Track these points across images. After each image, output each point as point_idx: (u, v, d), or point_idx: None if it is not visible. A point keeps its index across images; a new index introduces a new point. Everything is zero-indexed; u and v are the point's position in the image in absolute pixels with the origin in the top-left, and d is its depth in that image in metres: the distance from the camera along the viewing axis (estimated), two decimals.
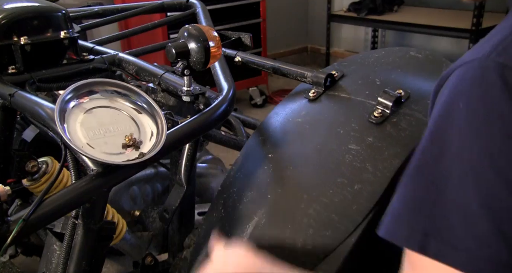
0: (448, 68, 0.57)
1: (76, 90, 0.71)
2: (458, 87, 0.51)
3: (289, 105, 0.98)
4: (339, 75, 0.97)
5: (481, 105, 0.48)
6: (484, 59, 0.49)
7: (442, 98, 0.53)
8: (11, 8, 0.99)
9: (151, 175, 1.29)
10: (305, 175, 0.82)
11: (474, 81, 0.49)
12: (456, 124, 0.50)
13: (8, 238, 0.63)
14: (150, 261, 1.06)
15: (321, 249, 0.73)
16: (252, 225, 0.81)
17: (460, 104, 0.50)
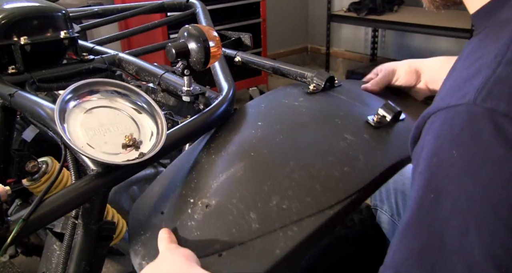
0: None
1: (76, 90, 0.72)
2: (447, 134, 0.50)
3: (285, 90, 0.97)
4: (337, 83, 0.97)
5: (476, 152, 0.48)
6: (471, 104, 0.49)
7: (431, 142, 0.52)
8: (11, 8, 0.99)
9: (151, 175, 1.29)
10: (296, 146, 0.80)
11: (464, 128, 0.49)
12: (451, 173, 0.49)
13: (8, 238, 0.63)
14: None
15: (296, 211, 0.70)
16: (226, 174, 0.76)
17: (454, 151, 0.49)
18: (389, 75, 1.01)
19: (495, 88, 0.48)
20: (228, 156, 0.79)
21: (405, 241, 0.53)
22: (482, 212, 0.47)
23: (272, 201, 0.71)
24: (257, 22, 3.60)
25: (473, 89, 0.49)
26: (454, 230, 0.49)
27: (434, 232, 0.50)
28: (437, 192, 0.50)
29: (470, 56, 0.57)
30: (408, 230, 0.53)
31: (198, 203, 0.74)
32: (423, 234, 0.51)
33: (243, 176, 0.75)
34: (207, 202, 0.73)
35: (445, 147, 0.50)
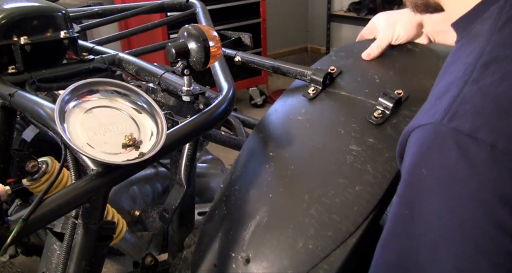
0: (442, 63, 0.59)
1: (76, 90, 0.71)
2: (418, 151, 0.52)
3: (288, 102, 0.98)
4: (336, 71, 0.96)
5: (442, 171, 0.50)
6: (438, 124, 0.50)
7: (406, 161, 0.54)
8: (11, 8, 0.99)
9: (151, 175, 1.29)
10: (307, 175, 0.82)
11: (431, 146, 0.51)
12: (422, 190, 0.51)
13: (8, 238, 0.63)
14: (150, 261, 1.06)
15: (321, 249, 0.74)
16: (254, 223, 0.81)
17: (423, 170, 0.51)
18: (388, 34, 0.96)
19: (460, 108, 0.49)
20: (251, 202, 0.85)
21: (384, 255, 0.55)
22: (450, 228, 0.49)
23: (299, 244, 0.75)
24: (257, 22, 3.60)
25: (441, 109, 0.51)
26: (427, 246, 0.50)
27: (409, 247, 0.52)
28: (411, 208, 0.52)
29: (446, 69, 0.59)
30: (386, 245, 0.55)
31: (239, 257, 0.80)
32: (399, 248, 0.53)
33: (268, 223, 0.80)
34: (245, 256, 0.80)
35: (417, 165, 0.52)
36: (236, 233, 0.83)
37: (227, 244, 0.84)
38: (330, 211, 0.75)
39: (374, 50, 0.96)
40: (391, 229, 0.55)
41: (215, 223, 0.89)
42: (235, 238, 0.83)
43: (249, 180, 0.88)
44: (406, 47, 0.98)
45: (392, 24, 0.96)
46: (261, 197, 0.84)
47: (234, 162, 0.95)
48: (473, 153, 0.47)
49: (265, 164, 0.87)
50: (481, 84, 0.50)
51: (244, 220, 0.83)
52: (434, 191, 0.50)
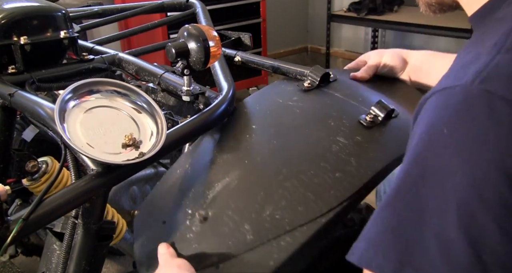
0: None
1: (76, 89, 0.72)
2: (441, 112, 0.50)
3: (281, 87, 0.97)
4: (333, 78, 0.97)
5: (467, 132, 0.48)
6: (467, 85, 0.49)
7: (424, 121, 0.52)
8: (11, 8, 0.99)
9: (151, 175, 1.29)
10: (289, 152, 0.80)
11: (458, 108, 0.49)
12: (439, 151, 0.50)
13: (8, 237, 0.63)
14: None
15: (289, 221, 0.72)
16: (221, 184, 0.78)
17: (445, 130, 0.49)
18: (376, 62, 1.00)
19: (494, 73, 0.48)
20: (223, 164, 0.81)
21: (383, 215, 0.53)
22: (465, 191, 0.47)
23: (266, 212, 0.73)
24: (257, 22, 3.60)
25: (471, 73, 0.49)
26: (434, 206, 0.49)
27: (412, 208, 0.51)
28: (423, 168, 0.51)
29: (468, 47, 0.57)
30: (388, 205, 0.53)
31: (196, 214, 0.76)
32: (402, 209, 0.52)
33: (237, 186, 0.77)
34: (204, 214, 0.76)
35: (437, 125, 0.50)
36: (198, 191, 0.79)
37: (184, 200, 0.80)
38: (306, 188, 0.73)
39: (362, 72, 0.99)
40: (397, 189, 0.53)
41: (172, 180, 0.85)
42: (195, 196, 0.79)
43: (225, 145, 0.84)
44: (397, 84, 1.01)
45: (380, 55, 1.01)
46: (235, 161, 0.81)
47: (215, 128, 0.90)
48: (505, 115, 0.46)
49: (246, 134, 0.84)
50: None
51: (210, 179, 0.80)
52: (454, 153, 0.48)
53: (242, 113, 0.91)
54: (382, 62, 1.00)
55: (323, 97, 0.93)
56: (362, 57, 1.05)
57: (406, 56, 1.00)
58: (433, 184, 0.49)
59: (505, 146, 0.46)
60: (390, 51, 1.01)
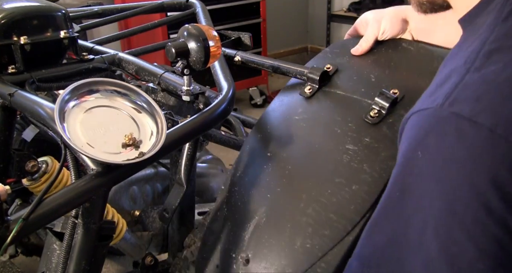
0: (439, 64, 0.60)
1: (76, 89, 0.71)
2: (415, 135, 0.53)
3: (285, 101, 0.98)
4: (333, 69, 0.96)
5: (439, 154, 0.50)
6: (437, 108, 0.51)
7: (403, 145, 0.55)
8: (10, 7, 0.99)
9: (151, 175, 1.29)
10: (304, 175, 0.83)
11: (429, 130, 0.52)
12: (416, 172, 0.52)
13: (8, 237, 0.63)
14: (150, 261, 1.06)
15: (319, 247, 0.74)
16: (253, 224, 0.82)
17: (419, 152, 0.52)
18: (375, 29, 0.97)
19: (462, 94, 0.50)
20: (251, 202, 0.86)
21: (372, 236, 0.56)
22: (439, 210, 0.50)
23: (296, 243, 0.76)
24: (257, 22, 3.60)
25: (442, 94, 0.52)
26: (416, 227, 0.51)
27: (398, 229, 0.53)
28: (403, 190, 0.54)
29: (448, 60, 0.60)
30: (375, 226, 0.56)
31: (239, 258, 0.82)
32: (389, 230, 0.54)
33: (266, 223, 0.81)
34: (245, 256, 0.81)
35: (412, 148, 0.53)
36: (236, 234, 0.84)
37: (228, 245, 0.85)
38: (327, 210, 0.76)
39: (362, 45, 0.97)
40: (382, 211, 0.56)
41: (218, 224, 0.90)
42: (235, 239, 0.84)
43: (248, 181, 0.89)
44: (401, 45, 0.98)
45: (378, 20, 0.97)
46: (260, 197, 0.84)
47: (235, 163, 0.95)
48: (472, 136, 0.48)
49: (264, 164, 0.88)
50: (483, 72, 0.51)
51: (243, 221, 0.84)
52: (428, 173, 0.51)
53: (255, 138, 0.95)
54: (381, 29, 0.97)
55: (326, 100, 0.93)
56: (359, 21, 1.02)
57: (407, 15, 0.97)
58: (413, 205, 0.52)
59: (473, 166, 0.48)
60: (389, 14, 0.97)
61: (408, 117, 0.56)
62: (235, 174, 0.92)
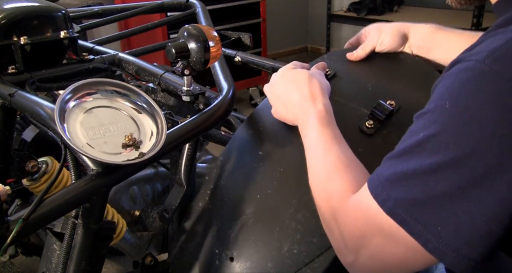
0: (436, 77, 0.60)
1: (76, 90, 0.71)
2: (450, 84, 0.53)
3: None
4: (331, 73, 0.97)
5: (465, 109, 0.50)
6: (480, 62, 0.50)
7: (436, 91, 0.55)
8: (11, 8, 0.99)
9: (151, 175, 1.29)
10: (296, 179, 0.82)
11: (464, 83, 0.51)
12: (439, 123, 0.53)
13: (8, 237, 0.63)
14: (150, 261, 1.06)
15: (306, 254, 0.75)
16: (240, 223, 0.82)
17: (447, 103, 0.52)
18: (374, 39, 0.99)
19: (504, 54, 0.50)
20: (238, 200, 0.85)
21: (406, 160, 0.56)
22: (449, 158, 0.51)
23: (284, 248, 0.77)
24: (257, 22, 3.60)
25: (488, 49, 0.51)
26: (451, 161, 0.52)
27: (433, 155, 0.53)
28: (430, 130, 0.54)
29: (494, 28, 0.59)
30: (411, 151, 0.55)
31: (223, 255, 0.82)
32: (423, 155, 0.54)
33: (254, 224, 0.81)
34: (230, 254, 0.81)
35: (443, 96, 0.53)
36: (221, 230, 0.84)
37: (210, 239, 0.85)
38: (317, 217, 0.75)
39: (358, 52, 0.99)
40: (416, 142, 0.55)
41: (199, 215, 0.90)
42: (220, 235, 0.84)
43: (237, 177, 0.88)
44: (399, 57, 0.98)
45: (379, 31, 0.99)
46: (249, 197, 0.84)
47: (222, 155, 0.94)
48: (507, 99, 0.48)
49: (255, 163, 0.87)
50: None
51: (229, 218, 0.84)
52: (450, 127, 0.51)
53: (248, 135, 0.94)
54: (380, 40, 0.98)
55: None
56: (363, 31, 1.03)
57: (408, 31, 0.97)
58: (445, 140, 0.52)
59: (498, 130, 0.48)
60: (390, 27, 0.98)
61: (455, 63, 0.55)
62: (222, 167, 0.91)
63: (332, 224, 0.66)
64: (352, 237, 0.61)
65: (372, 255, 0.60)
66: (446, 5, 0.75)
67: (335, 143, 0.74)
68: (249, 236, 0.80)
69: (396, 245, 0.56)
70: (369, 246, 0.59)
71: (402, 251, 0.56)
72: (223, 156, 0.94)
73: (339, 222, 0.64)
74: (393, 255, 0.57)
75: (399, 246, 0.56)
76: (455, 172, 0.50)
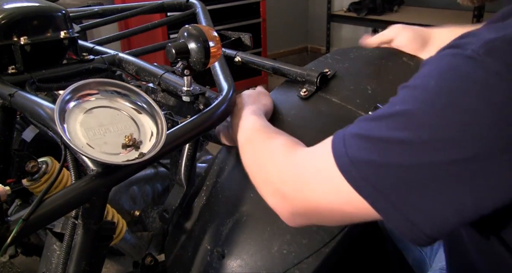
0: None
1: (76, 90, 0.71)
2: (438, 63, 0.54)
3: (279, 99, 0.98)
4: (331, 73, 0.97)
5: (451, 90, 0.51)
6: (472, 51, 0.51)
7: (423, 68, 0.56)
8: (11, 8, 0.99)
9: (151, 175, 1.29)
10: None
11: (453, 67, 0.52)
12: (420, 97, 0.53)
13: (8, 238, 0.63)
14: (150, 261, 1.06)
15: (295, 255, 0.76)
16: (232, 220, 0.83)
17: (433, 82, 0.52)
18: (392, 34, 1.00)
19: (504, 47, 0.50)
20: (231, 198, 0.87)
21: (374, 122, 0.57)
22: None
23: (274, 247, 0.78)
24: (257, 22, 3.60)
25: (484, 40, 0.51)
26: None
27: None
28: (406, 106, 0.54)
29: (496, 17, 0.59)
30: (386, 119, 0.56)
31: (214, 251, 0.83)
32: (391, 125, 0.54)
33: (246, 222, 0.82)
34: (221, 251, 0.82)
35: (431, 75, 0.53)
36: (214, 227, 0.85)
37: (204, 236, 0.86)
38: None
39: (372, 39, 1.01)
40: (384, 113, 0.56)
41: (194, 212, 0.91)
42: (213, 232, 0.85)
43: (232, 175, 0.89)
44: (402, 59, 0.98)
45: (398, 29, 1.00)
46: (242, 195, 0.85)
47: (219, 152, 0.94)
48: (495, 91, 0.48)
49: None
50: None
51: (223, 215, 0.85)
52: (427, 103, 0.52)
53: None
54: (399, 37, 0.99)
55: (320, 106, 0.94)
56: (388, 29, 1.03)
57: (429, 37, 0.98)
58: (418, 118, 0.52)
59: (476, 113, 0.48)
60: (411, 29, 0.99)
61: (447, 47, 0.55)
62: (218, 163, 0.92)
63: (272, 172, 0.69)
64: (293, 180, 0.64)
65: (309, 200, 0.62)
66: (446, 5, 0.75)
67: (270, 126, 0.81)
68: (241, 234, 0.81)
69: (337, 196, 0.58)
70: (308, 191, 0.62)
71: (342, 203, 0.58)
72: (220, 152, 0.94)
73: (281, 168, 0.67)
74: (331, 204, 0.59)
75: (340, 197, 0.58)
76: (419, 150, 0.51)
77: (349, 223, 0.73)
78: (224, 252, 0.82)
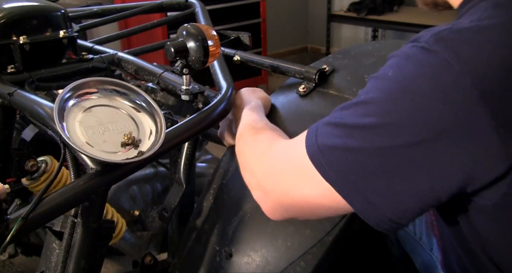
0: None
1: (75, 88, 0.72)
2: (400, 56, 0.58)
3: (280, 99, 0.99)
4: (329, 69, 0.97)
5: (405, 77, 0.55)
6: (425, 42, 0.55)
7: (392, 59, 0.59)
8: (10, 7, 0.99)
9: (150, 174, 1.29)
10: None
11: (410, 56, 0.56)
12: (379, 86, 0.57)
13: (7, 236, 0.63)
14: (150, 260, 1.06)
15: (300, 246, 0.77)
16: (237, 219, 0.85)
17: (391, 71, 0.57)
18: None
19: (450, 36, 0.54)
20: (236, 197, 0.88)
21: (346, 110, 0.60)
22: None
23: (278, 241, 0.79)
24: (257, 22, 3.60)
25: (434, 31, 0.55)
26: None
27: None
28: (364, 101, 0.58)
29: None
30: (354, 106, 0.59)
31: (222, 251, 0.84)
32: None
33: (249, 220, 0.83)
34: (228, 250, 0.83)
35: (391, 66, 0.57)
36: (221, 227, 0.86)
37: (213, 237, 0.88)
38: None
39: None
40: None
41: (203, 214, 0.92)
42: (220, 232, 0.86)
43: (236, 176, 0.90)
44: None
45: None
46: (246, 194, 0.86)
47: (224, 155, 0.95)
48: (444, 80, 0.51)
49: None
50: (479, 23, 0.55)
51: (229, 215, 0.86)
52: (385, 96, 0.55)
53: None
54: None
55: (318, 101, 0.95)
56: None
57: None
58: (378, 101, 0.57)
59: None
60: None
61: (409, 42, 0.59)
62: (224, 166, 0.93)
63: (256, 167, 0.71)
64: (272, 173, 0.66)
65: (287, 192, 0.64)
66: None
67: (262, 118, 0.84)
68: (246, 231, 0.82)
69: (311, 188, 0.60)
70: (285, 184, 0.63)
71: (317, 194, 0.59)
72: (226, 155, 0.95)
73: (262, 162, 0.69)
74: (306, 197, 0.61)
75: (313, 188, 0.59)
76: (378, 135, 0.54)
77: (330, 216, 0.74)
78: (232, 251, 0.83)
